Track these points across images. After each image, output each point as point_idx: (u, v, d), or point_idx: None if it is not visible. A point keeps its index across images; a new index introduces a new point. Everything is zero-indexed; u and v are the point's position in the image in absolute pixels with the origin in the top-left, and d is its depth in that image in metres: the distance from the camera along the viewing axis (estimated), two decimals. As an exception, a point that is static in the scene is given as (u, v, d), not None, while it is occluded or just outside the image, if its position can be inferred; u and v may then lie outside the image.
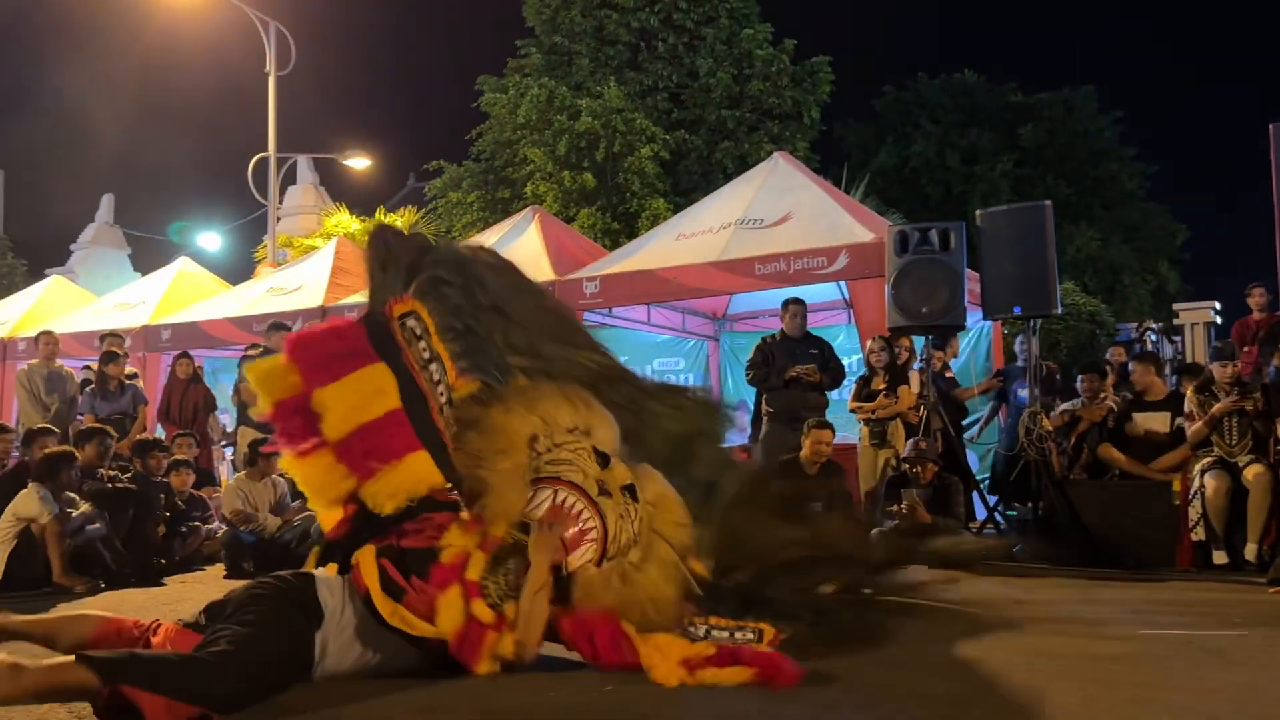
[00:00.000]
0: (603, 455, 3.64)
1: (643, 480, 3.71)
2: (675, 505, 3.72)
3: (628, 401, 3.98)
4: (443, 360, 3.67)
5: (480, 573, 3.20)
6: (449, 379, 3.65)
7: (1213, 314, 14.36)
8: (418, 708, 2.84)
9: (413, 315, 3.67)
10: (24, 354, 12.59)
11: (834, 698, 2.88)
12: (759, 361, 8.04)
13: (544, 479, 3.51)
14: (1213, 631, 4.01)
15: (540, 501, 3.46)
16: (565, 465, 3.56)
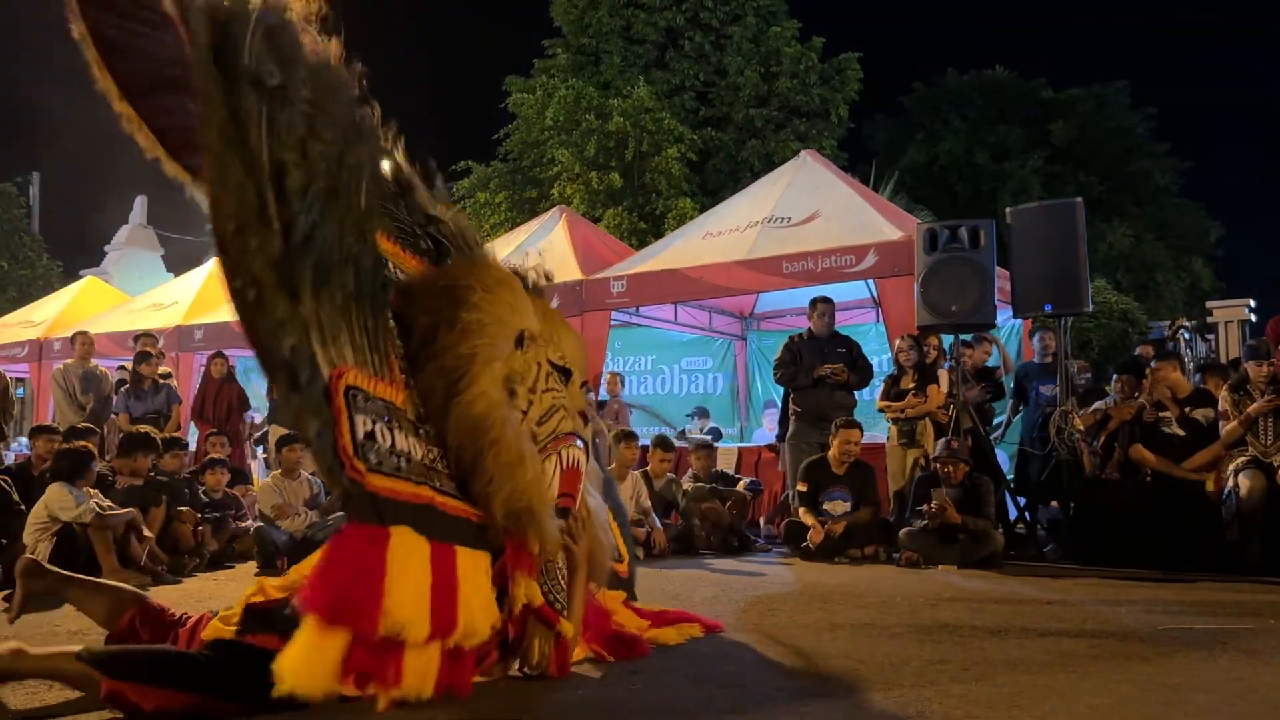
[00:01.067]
0: (564, 370, 3.32)
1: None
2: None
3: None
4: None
5: (539, 592, 3.08)
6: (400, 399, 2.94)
7: (1247, 311, 14.18)
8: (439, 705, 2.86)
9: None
10: (59, 354, 12.79)
11: (862, 696, 2.88)
12: (787, 360, 8.03)
13: (546, 448, 3.15)
14: (1247, 631, 3.97)
15: (551, 476, 3.14)
16: (557, 416, 3.21)
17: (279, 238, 2.60)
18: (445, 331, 3.01)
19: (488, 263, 3.32)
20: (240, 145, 2.58)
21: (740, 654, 3.53)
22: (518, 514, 2.92)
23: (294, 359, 2.56)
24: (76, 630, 3.93)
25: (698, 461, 8.25)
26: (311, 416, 2.57)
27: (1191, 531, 6.25)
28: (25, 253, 26.91)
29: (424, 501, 2.77)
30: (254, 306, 2.53)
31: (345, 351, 2.72)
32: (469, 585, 2.77)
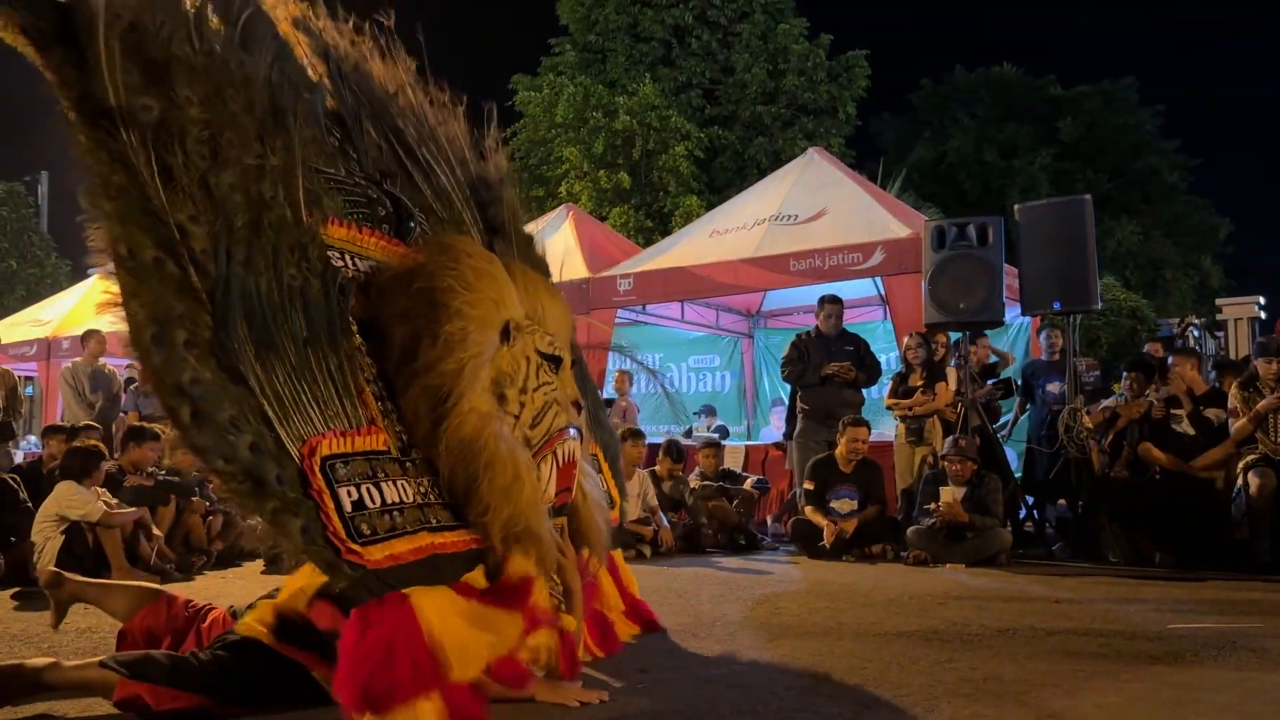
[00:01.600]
0: (554, 359, 3.11)
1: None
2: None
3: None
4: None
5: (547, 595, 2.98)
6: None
7: (1256, 309, 14.14)
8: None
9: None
10: (68, 352, 12.81)
11: (869, 695, 2.87)
12: (794, 358, 8.01)
13: (541, 450, 2.99)
14: (1257, 630, 3.95)
15: (547, 479, 2.99)
16: (550, 413, 3.03)
17: (208, 313, 2.33)
18: (428, 346, 2.79)
19: (465, 250, 3.01)
20: (144, 211, 2.29)
21: (747, 653, 3.52)
22: (516, 536, 2.79)
23: (255, 459, 2.32)
24: (85, 628, 3.94)
25: (705, 460, 8.24)
26: (290, 517, 2.35)
27: (1201, 530, 6.23)
28: (34, 252, 27.02)
29: (425, 553, 2.61)
30: (194, 422, 2.26)
31: (312, 416, 2.50)
32: (470, 617, 2.61)
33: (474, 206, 3.59)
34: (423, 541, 2.63)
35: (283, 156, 2.59)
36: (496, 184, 3.68)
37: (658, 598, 4.94)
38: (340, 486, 2.47)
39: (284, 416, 2.42)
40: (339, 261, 2.87)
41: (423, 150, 3.47)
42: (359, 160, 3.20)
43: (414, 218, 3.31)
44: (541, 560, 2.87)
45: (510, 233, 3.65)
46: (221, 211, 2.41)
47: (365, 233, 3.06)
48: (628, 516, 4.18)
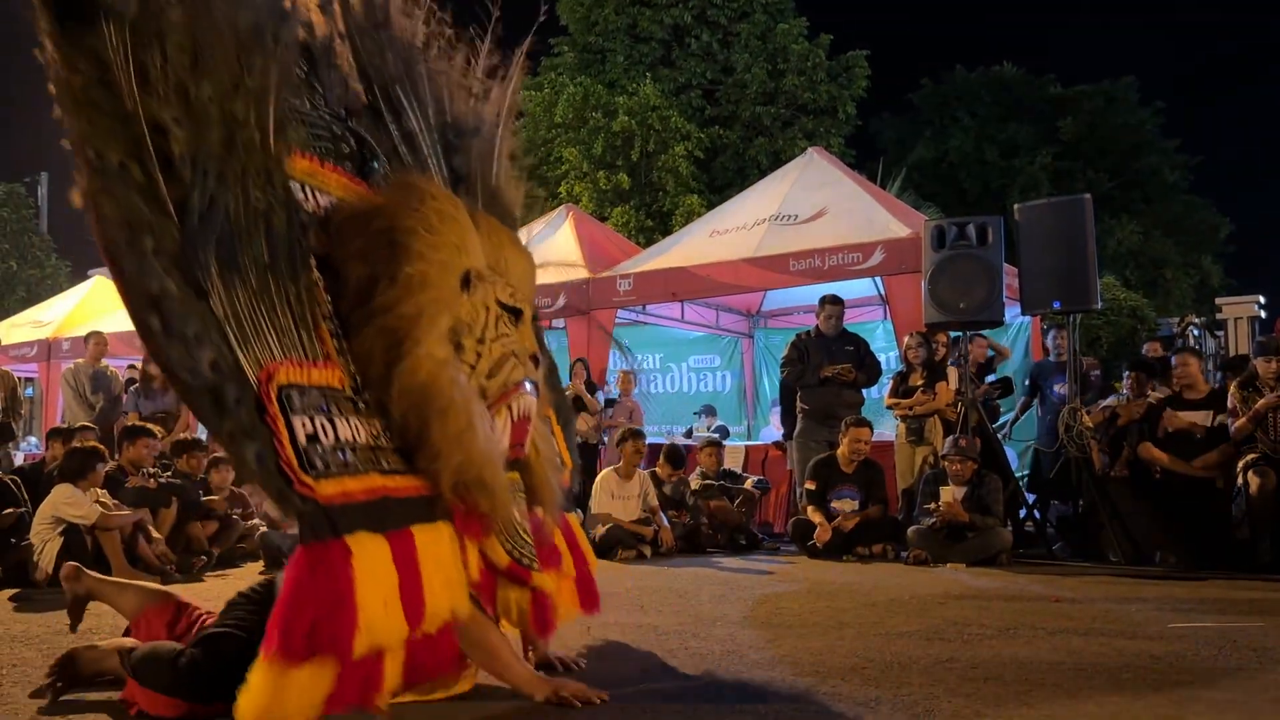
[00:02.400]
0: (515, 310, 3.00)
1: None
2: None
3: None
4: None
5: (503, 553, 2.91)
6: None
7: (1256, 308, 14.14)
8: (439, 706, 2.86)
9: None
10: (68, 353, 12.83)
11: (870, 695, 2.87)
12: (794, 359, 8.01)
13: (496, 403, 2.89)
14: (1258, 629, 3.95)
15: (501, 431, 2.90)
16: (507, 365, 2.93)
17: (174, 225, 2.28)
18: (385, 287, 2.70)
19: (429, 192, 2.88)
20: (113, 113, 2.22)
21: (748, 653, 3.52)
22: (466, 485, 2.69)
23: (216, 378, 2.28)
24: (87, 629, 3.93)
25: (706, 459, 8.24)
26: (246, 440, 2.30)
27: (1202, 529, 6.23)
28: (34, 253, 27.03)
29: (376, 494, 2.54)
30: (163, 333, 2.22)
31: (270, 343, 2.44)
32: (430, 566, 2.58)
33: (441, 152, 3.45)
34: (374, 483, 2.56)
35: (258, 78, 2.51)
36: (470, 131, 3.51)
37: (658, 597, 4.95)
38: (295, 416, 2.41)
39: (243, 339, 2.37)
40: (300, 194, 2.79)
41: (397, 89, 3.32)
42: (325, 95, 3.09)
43: (378, 158, 3.20)
44: (493, 511, 2.79)
45: (476, 183, 3.50)
46: (198, 122, 2.35)
47: (327, 168, 2.97)
48: (575, 483, 4.01)
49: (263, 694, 2.25)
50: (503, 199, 3.58)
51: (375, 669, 2.43)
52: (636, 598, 4.96)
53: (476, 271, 2.89)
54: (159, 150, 2.26)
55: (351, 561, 2.38)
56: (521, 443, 2.97)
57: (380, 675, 2.44)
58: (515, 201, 3.68)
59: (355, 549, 2.40)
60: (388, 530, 2.50)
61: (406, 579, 2.49)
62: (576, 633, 3.93)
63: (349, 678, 2.36)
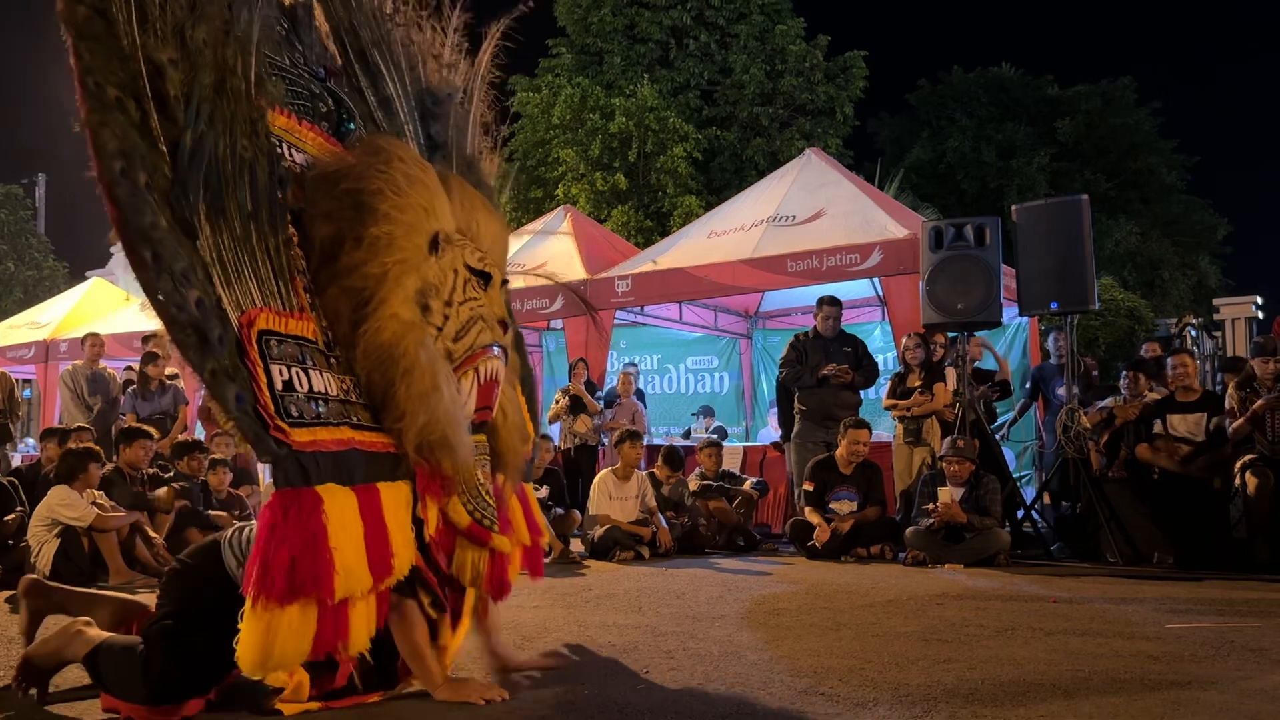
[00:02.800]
0: (484, 275, 2.97)
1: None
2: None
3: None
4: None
5: (464, 512, 2.89)
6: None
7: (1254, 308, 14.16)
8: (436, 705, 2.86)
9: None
10: (66, 355, 12.82)
11: (868, 695, 2.87)
12: (792, 360, 8.01)
13: (463, 365, 2.89)
14: (1255, 629, 3.95)
15: (467, 394, 2.90)
16: (475, 329, 2.92)
17: (166, 163, 2.33)
18: (351, 248, 2.72)
19: (397, 154, 2.87)
20: (111, 49, 2.28)
21: (746, 654, 3.53)
22: (430, 445, 2.71)
23: (201, 315, 2.33)
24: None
25: (705, 460, 8.24)
26: (227, 380, 2.37)
27: (1199, 530, 6.23)
28: (31, 254, 27.02)
29: (346, 446, 2.59)
30: (155, 265, 2.27)
31: (251, 289, 2.50)
32: (394, 523, 2.64)
33: (418, 118, 3.44)
34: (344, 435, 2.61)
35: (244, 27, 2.55)
36: (445, 99, 3.50)
37: (656, 598, 4.95)
38: (273, 363, 2.48)
39: (226, 282, 2.42)
40: (278, 149, 2.81)
41: (374, 53, 3.32)
42: (304, 54, 3.11)
43: (354, 118, 3.19)
44: (457, 472, 2.80)
45: (452, 151, 3.48)
46: (194, 64, 2.41)
47: (304, 126, 2.98)
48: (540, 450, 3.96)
49: (257, 640, 2.32)
50: (478, 168, 3.55)
51: (345, 617, 2.48)
52: (634, 598, 4.96)
53: (445, 234, 2.89)
54: (155, 89, 2.32)
55: (323, 508, 2.44)
56: (489, 405, 2.98)
57: (347, 624, 2.48)
58: (490, 172, 3.65)
59: (325, 497, 2.47)
60: (355, 483, 2.57)
61: (372, 532, 2.55)
62: (573, 633, 3.93)
63: (328, 622, 2.42)
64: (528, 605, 4.77)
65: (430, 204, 2.85)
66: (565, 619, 4.33)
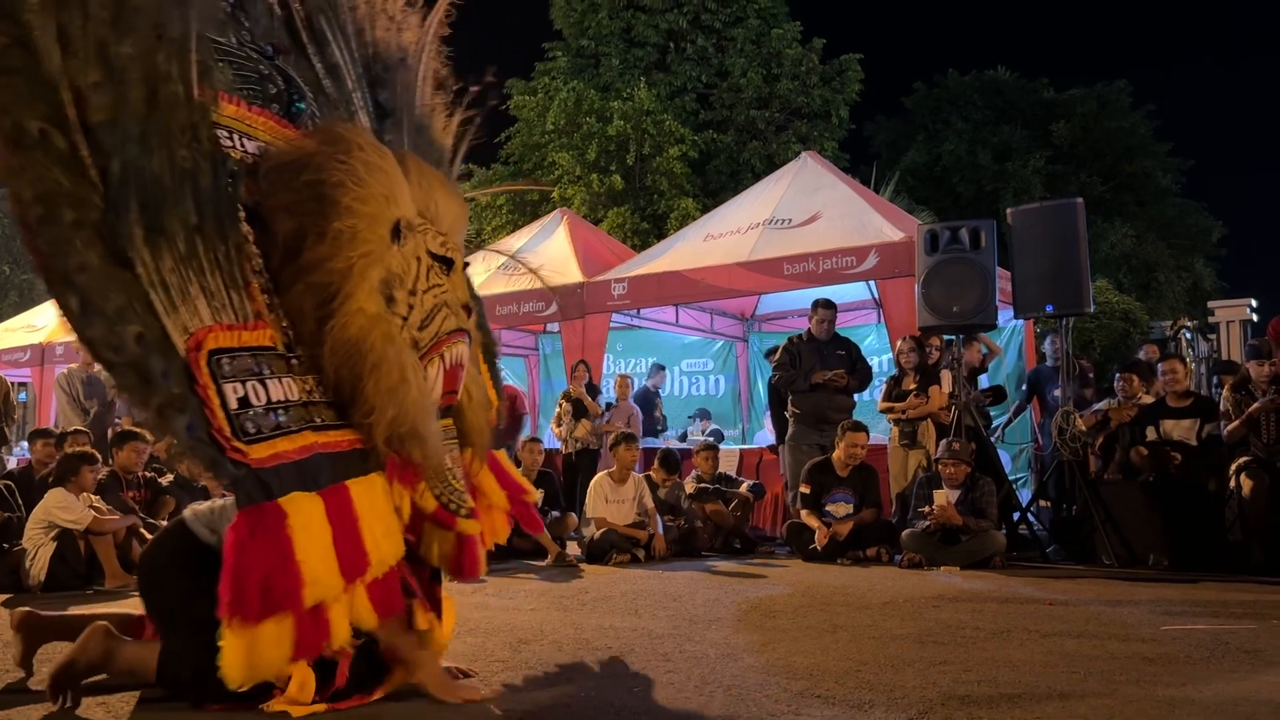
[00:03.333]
0: (446, 260, 2.96)
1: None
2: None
3: None
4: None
5: (431, 498, 2.91)
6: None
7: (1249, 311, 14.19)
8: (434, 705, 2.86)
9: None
10: (62, 358, 12.79)
11: (864, 698, 2.88)
12: (786, 363, 8.01)
13: (429, 353, 2.88)
14: (1250, 631, 3.96)
15: (434, 381, 2.90)
16: (439, 316, 2.90)
17: (98, 193, 2.23)
18: (314, 242, 2.67)
19: (357, 142, 2.80)
20: (33, 79, 2.17)
21: (743, 656, 3.53)
22: (400, 438, 2.71)
23: (142, 352, 2.27)
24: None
25: (702, 462, 8.24)
26: (176, 413, 2.32)
27: (1194, 532, 6.24)
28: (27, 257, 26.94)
29: (309, 452, 2.57)
30: (83, 312, 2.20)
31: (199, 308, 2.43)
32: (369, 517, 2.62)
33: (366, 85, 3.36)
34: (306, 440, 2.59)
35: (179, 26, 2.43)
36: (394, 65, 3.41)
37: (653, 601, 4.95)
38: (226, 383, 2.43)
39: (171, 307, 2.37)
40: (227, 141, 2.73)
41: (320, 19, 3.22)
42: (250, 30, 3.03)
43: (304, 97, 3.13)
44: (426, 461, 2.80)
45: (402, 118, 3.41)
46: (120, 83, 2.30)
47: (255, 111, 2.90)
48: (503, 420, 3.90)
49: (238, 655, 2.34)
50: (430, 131, 3.50)
51: (324, 618, 2.50)
52: (631, 601, 4.96)
53: (406, 222, 2.86)
54: (82, 116, 2.23)
55: (287, 522, 2.43)
56: (454, 390, 2.99)
57: (327, 624, 2.51)
58: (444, 131, 3.57)
59: (289, 509, 2.45)
60: (321, 487, 2.55)
61: (341, 533, 2.54)
62: (570, 636, 3.93)
63: (306, 628, 2.45)
64: (524, 608, 4.77)
65: (391, 191, 2.82)
66: (562, 621, 4.33)
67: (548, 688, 3.06)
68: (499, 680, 3.14)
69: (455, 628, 4.13)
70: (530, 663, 3.42)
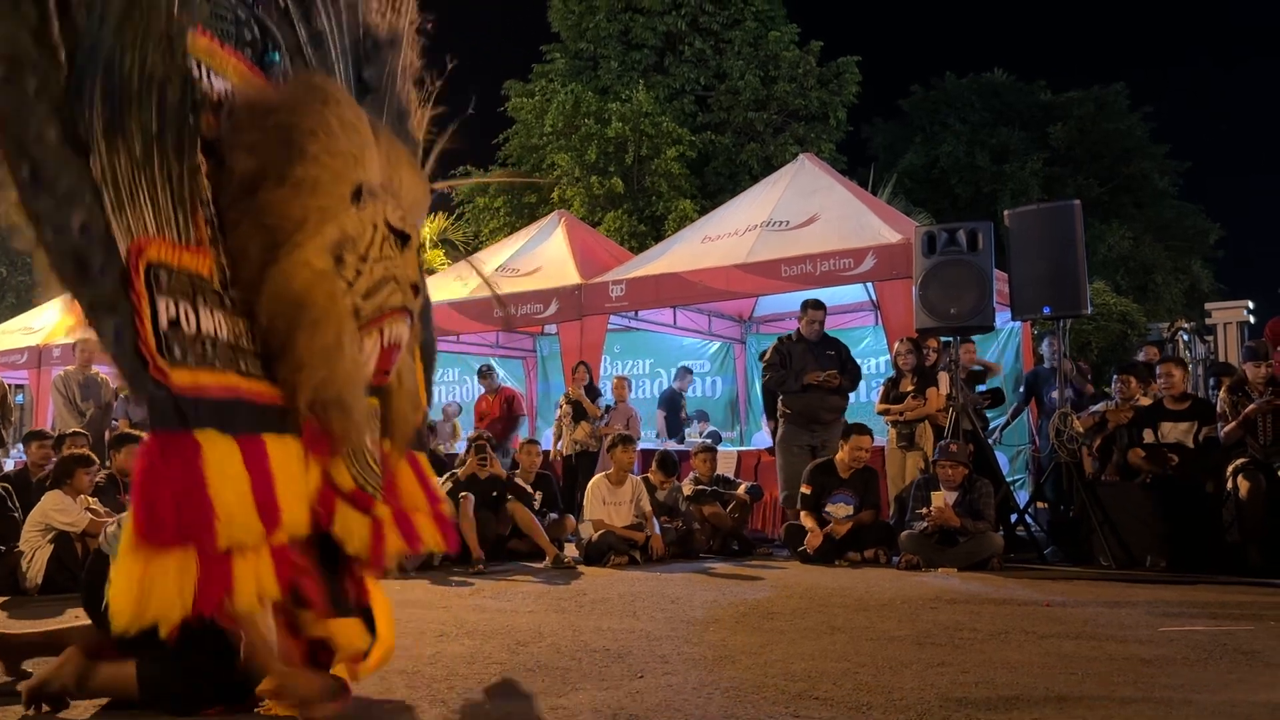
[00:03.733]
0: (402, 235, 2.86)
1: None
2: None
3: None
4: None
5: (348, 477, 2.81)
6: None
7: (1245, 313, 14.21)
8: (433, 706, 2.86)
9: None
10: (59, 360, 12.78)
11: (862, 699, 2.88)
12: (776, 363, 8.01)
13: (368, 325, 2.77)
14: (1248, 633, 3.96)
15: (369, 355, 2.80)
16: (386, 289, 2.80)
17: (62, 72, 2.17)
18: (273, 185, 2.59)
19: (335, 96, 2.74)
20: None
21: (740, 658, 3.53)
22: (324, 404, 2.61)
23: (83, 241, 2.19)
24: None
25: (700, 464, 8.24)
26: (106, 313, 2.23)
27: (1192, 533, 6.25)
28: (24, 259, 26.91)
29: (230, 394, 2.47)
30: (32, 183, 2.11)
31: (145, 216, 2.34)
32: (282, 477, 2.51)
33: (350, 60, 3.24)
34: (230, 381, 2.49)
35: None
36: (385, 44, 3.33)
37: (651, 603, 4.95)
38: (160, 297, 2.34)
39: (118, 206, 2.28)
40: (195, 73, 2.63)
41: None
42: None
43: (280, 50, 3.02)
44: (346, 435, 2.70)
45: (384, 98, 3.33)
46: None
47: (226, 51, 2.78)
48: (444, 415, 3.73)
49: (132, 585, 2.19)
50: (409, 120, 3.42)
51: (229, 570, 2.35)
52: (629, 603, 4.96)
53: (369, 187, 2.78)
54: None
55: (202, 455, 2.33)
56: (387, 370, 2.88)
57: (231, 578, 2.35)
58: (420, 126, 3.49)
59: (205, 444, 2.35)
60: (239, 433, 2.44)
61: (259, 483, 2.44)
62: (568, 638, 3.93)
63: (210, 573, 2.30)
64: (522, 610, 4.77)
65: (360, 152, 2.73)
66: (560, 623, 4.33)
67: (546, 690, 3.06)
68: (497, 682, 3.14)
69: (453, 630, 4.14)
70: (528, 665, 3.42)
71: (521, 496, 7.49)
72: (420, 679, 3.21)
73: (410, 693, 3.03)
